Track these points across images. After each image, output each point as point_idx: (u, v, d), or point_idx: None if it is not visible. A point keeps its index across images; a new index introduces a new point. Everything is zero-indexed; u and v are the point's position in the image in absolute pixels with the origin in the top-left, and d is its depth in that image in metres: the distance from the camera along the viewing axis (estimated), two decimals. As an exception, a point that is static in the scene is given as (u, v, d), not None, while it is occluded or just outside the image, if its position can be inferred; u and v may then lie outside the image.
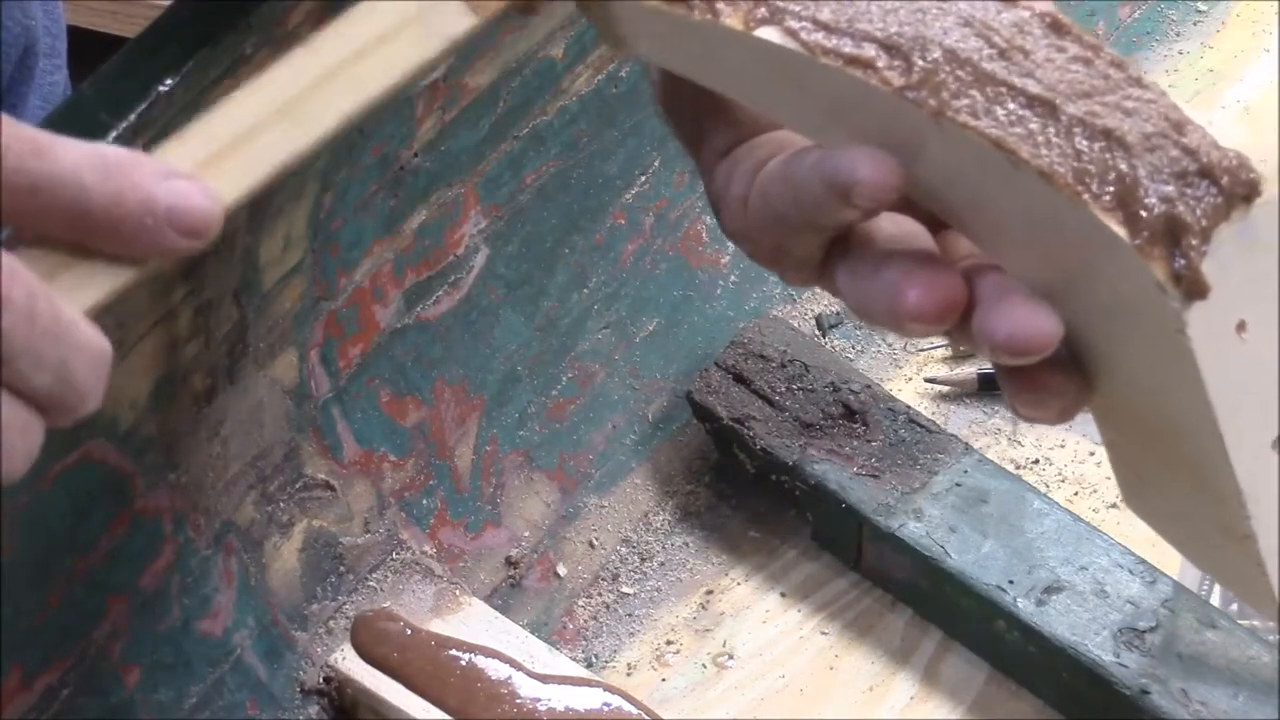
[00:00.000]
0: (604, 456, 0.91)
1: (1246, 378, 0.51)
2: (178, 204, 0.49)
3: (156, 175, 0.49)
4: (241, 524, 0.77)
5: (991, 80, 0.50)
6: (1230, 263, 0.50)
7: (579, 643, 0.85)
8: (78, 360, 0.47)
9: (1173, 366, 0.51)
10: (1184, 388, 0.51)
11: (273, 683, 0.79)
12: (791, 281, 0.60)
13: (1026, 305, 0.51)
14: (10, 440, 0.47)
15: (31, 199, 0.47)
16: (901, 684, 0.83)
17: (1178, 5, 1.12)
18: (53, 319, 0.46)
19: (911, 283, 0.52)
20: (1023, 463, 0.91)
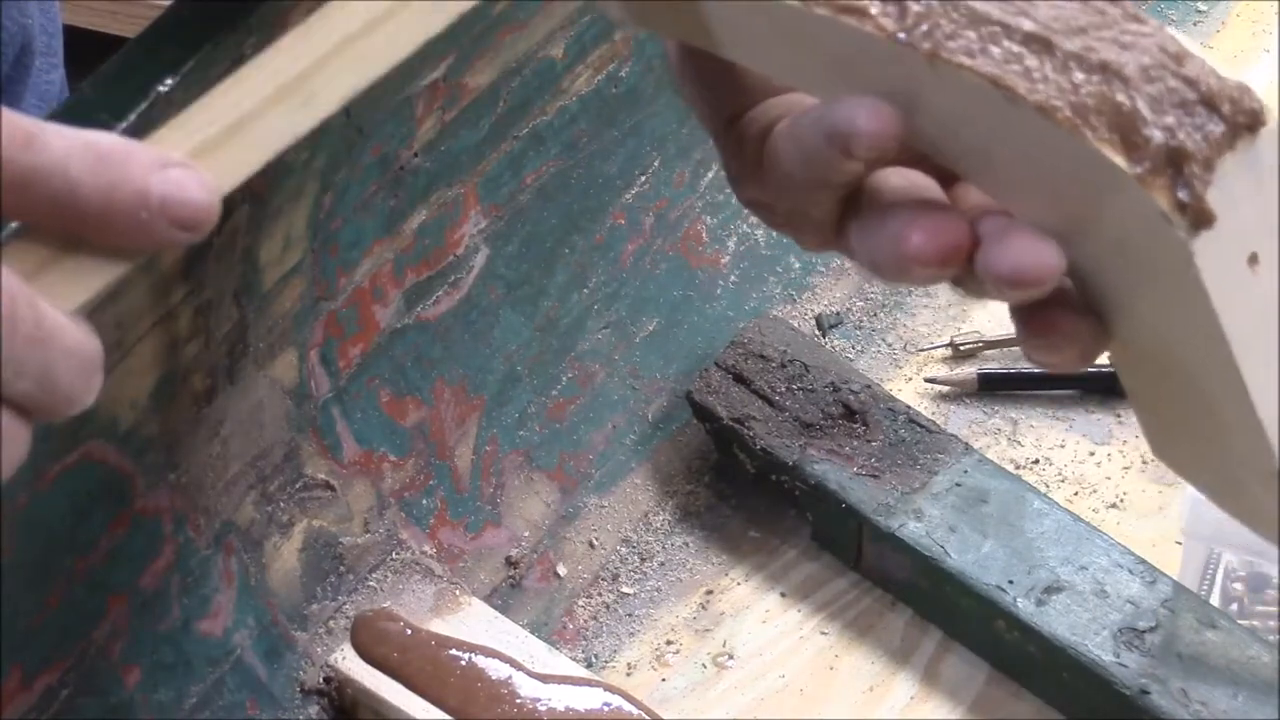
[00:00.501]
0: (604, 456, 0.91)
1: (1262, 312, 0.51)
2: (172, 195, 0.47)
3: (150, 165, 0.47)
4: (241, 524, 0.77)
5: (985, 20, 0.50)
6: (1237, 194, 0.50)
7: (579, 643, 0.85)
8: (62, 365, 0.46)
9: (1186, 303, 0.50)
10: (1198, 325, 0.51)
11: (273, 683, 0.79)
12: (808, 246, 0.59)
13: (1027, 239, 0.51)
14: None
15: (20, 192, 0.46)
16: (901, 684, 0.83)
17: (1178, 5, 1.12)
18: (34, 324, 0.45)
19: (914, 227, 0.52)
20: (1023, 463, 0.91)
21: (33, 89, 1.02)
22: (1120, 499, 0.90)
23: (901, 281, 0.56)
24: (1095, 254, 0.52)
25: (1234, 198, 0.50)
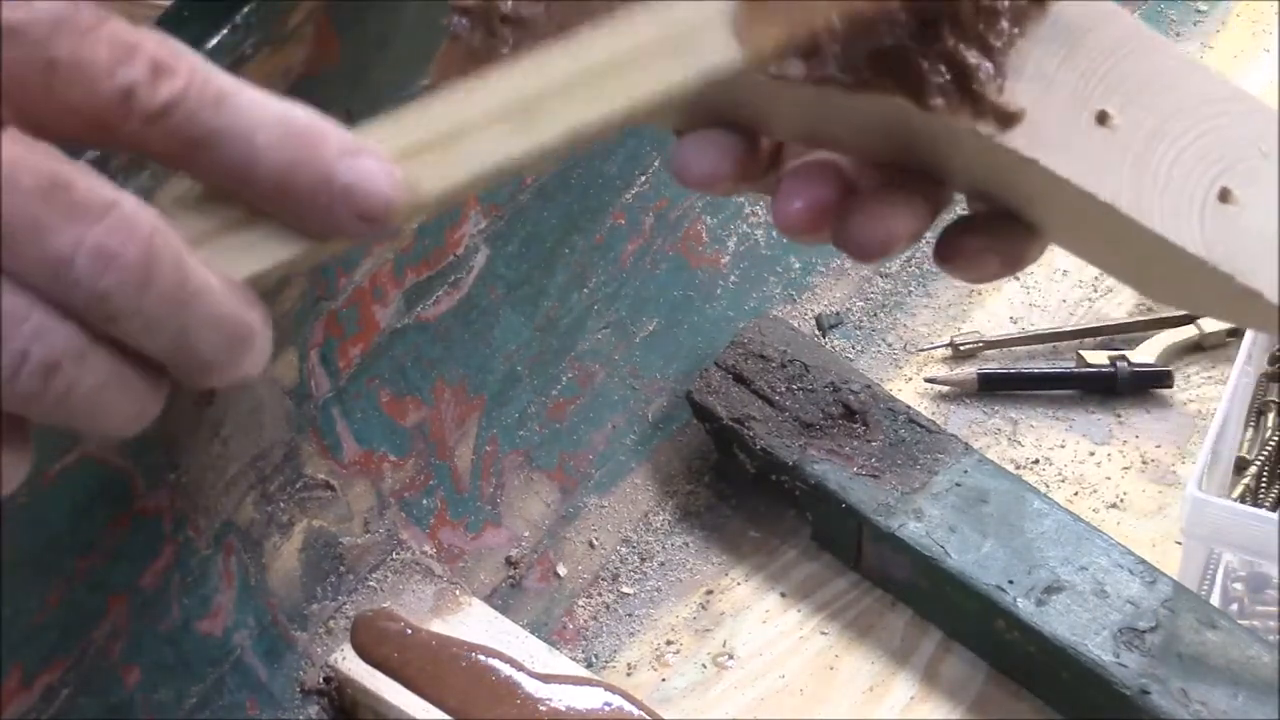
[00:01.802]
0: (604, 456, 0.91)
1: (1140, 158, 0.51)
2: (357, 185, 0.45)
3: (340, 150, 0.45)
4: (241, 524, 0.77)
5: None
6: (1051, 69, 0.51)
7: (579, 643, 0.85)
8: (204, 330, 0.44)
9: (1062, 194, 0.51)
10: (1090, 207, 0.51)
11: (273, 683, 0.79)
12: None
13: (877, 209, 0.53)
14: (111, 400, 0.44)
15: (199, 151, 0.44)
16: (901, 684, 0.83)
17: (1178, 5, 1.12)
18: (176, 284, 0.43)
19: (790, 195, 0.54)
20: (1023, 463, 0.91)
21: None
22: (1120, 499, 0.90)
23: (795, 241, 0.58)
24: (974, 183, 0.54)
25: (1044, 77, 0.51)
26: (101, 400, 0.44)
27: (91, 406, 0.44)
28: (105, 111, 0.43)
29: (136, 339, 0.44)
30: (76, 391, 0.43)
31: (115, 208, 0.42)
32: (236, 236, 0.46)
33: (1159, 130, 0.52)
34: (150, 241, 0.43)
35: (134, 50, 0.43)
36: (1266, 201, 0.52)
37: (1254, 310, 0.53)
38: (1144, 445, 0.92)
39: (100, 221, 0.42)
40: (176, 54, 0.44)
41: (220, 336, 0.45)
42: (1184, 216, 0.52)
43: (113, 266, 0.42)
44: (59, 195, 0.42)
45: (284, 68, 0.70)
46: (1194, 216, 0.52)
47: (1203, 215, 0.52)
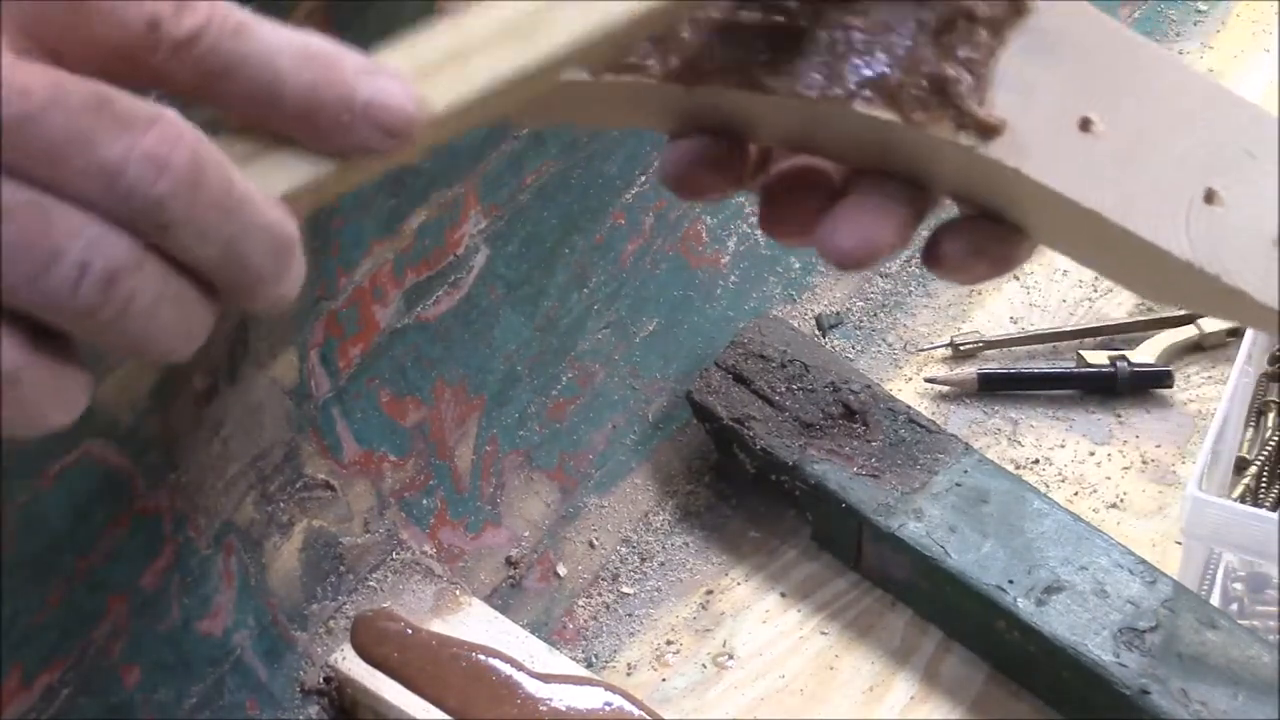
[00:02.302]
0: (604, 456, 0.91)
1: (1125, 162, 0.51)
2: (376, 99, 0.46)
3: (359, 70, 0.47)
4: (241, 524, 0.77)
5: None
6: (1032, 77, 0.51)
7: (579, 643, 0.85)
8: (251, 238, 0.44)
9: (1042, 198, 0.51)
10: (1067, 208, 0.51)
11: (273, 683, 0.79)
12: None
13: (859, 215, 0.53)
14: (166, 315, 0.44)
15: (225, 79, 0.45)
16: (901, 684, 0.83)
17: (1178, 5, 1.12)
18: (223, 191, 0.44)
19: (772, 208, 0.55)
20: (1023, 463, 0.91)
21: None
22: (1120, 499, 0.90)
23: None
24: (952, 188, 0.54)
25: (1026, 84, 0.51)
26: (158, 315, 0.44)
27: (148, 321, 0.44)
28: (131, 43, 0.43)
29: (188, 249, 0.44)
30: (136, 304, 0.43)
31: (160, 118, 0.43)
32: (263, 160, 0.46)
33: (1142, 134, 0.52)
34: (197, 148, 0.43)
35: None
36: (1253, 200, 0.52)
37: (1243, 308, 0.53)
38: (1144, 445, 0.92)
39: (148, 131, 0.43)
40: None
41: (267, 244, 0.45)
42: (1170, 219, 0.52)
43: (165, 173, 0.43)
44: (106, 108, 0.42)
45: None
46: (1180, 219, 0.52)
47: (1189, 217, 0.52)
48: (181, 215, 0.43)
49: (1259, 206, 0.52)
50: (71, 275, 0.42)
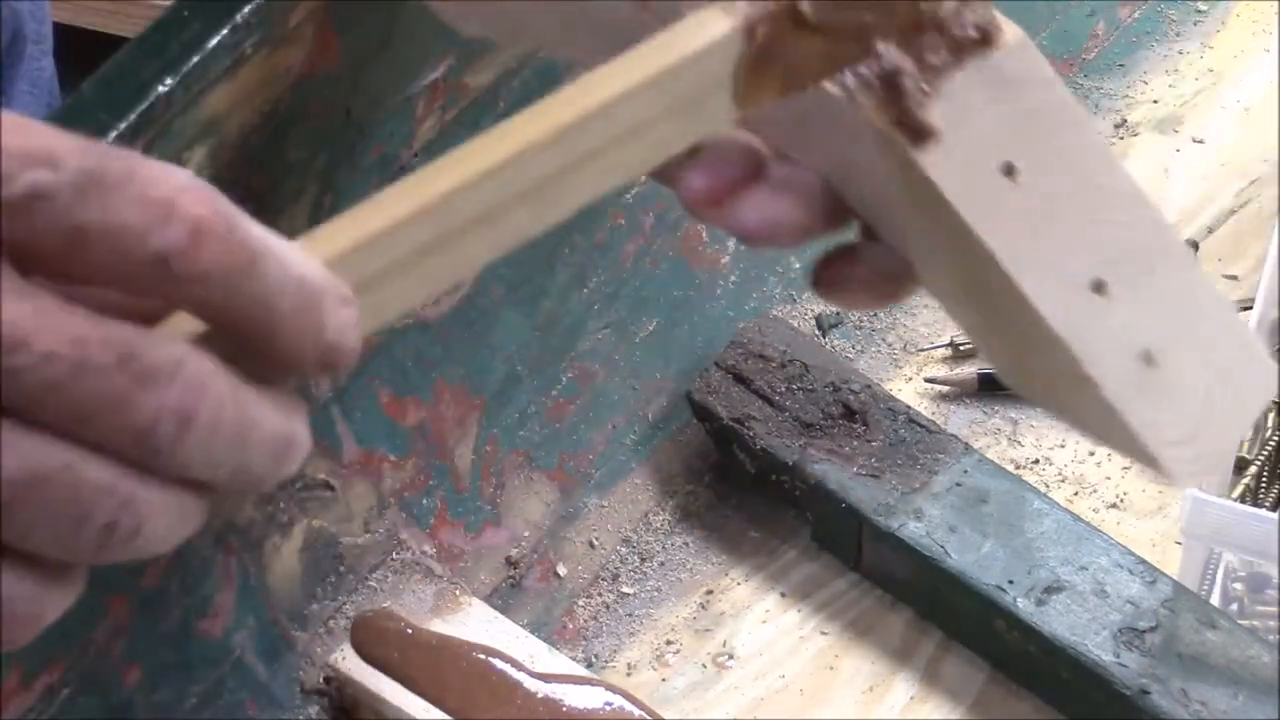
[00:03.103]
0: (604, 456, 0.91)
1: (1034, 221, 0.52)
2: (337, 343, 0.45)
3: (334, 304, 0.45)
4: (241, 524, 0.77)
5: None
6: (975, 105, 0.51)
7: (579, 643, 0.85)
8: (257, 454, 0.44)
9: (947, 224, 0.52)
10: (967, 245, 0.52)
11: (273, 683, 0.79)
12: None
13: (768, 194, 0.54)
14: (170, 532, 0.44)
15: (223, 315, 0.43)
16: (901, 684, 0.83)
17: (1178, 5, 1.12)
18: (239, 424, 0.43)
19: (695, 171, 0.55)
20: (1023, 463, 0.91)
21: (24, 75, 1.02)
22: (1120, 499, 0.90)
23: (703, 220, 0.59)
24: (863, 190, 0.54)
25: (968, 110, 0.51)
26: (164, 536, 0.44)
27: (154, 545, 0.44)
28: (136, 275, 0.42)
29: (201, 476, 0.44)
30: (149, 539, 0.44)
31: (182, 365, 0.42)
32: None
33: (1058, 201, 0.53)
34: (218, 390, 0.43)
35: (170, 210, 0.41)
36: (1136, 311, 0.53)
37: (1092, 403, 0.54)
38: (1144, 445, 0.92)
39: (173, 384, 0.42)
40: (215, 210, 0.42)
41: (273, 453, 0.45)
42: (1056, 289, 0.53)
43: (191, 427, 0.42)
44: (131, 364, 0.41)
45: (284, 68, 0.70)
46: (1065, 294, 0.53)
47: (1073, 297, 0.53)
48: (203, 456, 0.43)
49: (1140, 319, 0.53)
50: (99, 535, 0.43)
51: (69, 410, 0.41)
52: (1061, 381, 0.55)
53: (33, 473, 0.41)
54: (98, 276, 0.42)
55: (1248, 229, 1.00)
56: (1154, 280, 0.54)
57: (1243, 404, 0.55)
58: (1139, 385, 0.53)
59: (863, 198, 0.55)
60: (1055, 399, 0.58)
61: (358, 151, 0.77)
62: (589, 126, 0.48)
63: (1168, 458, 0.54)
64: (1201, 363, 0.55)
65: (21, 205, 0.40)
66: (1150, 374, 0.54)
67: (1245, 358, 0.56)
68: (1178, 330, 0.54)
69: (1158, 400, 0.54)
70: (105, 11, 1.88)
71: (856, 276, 0.56)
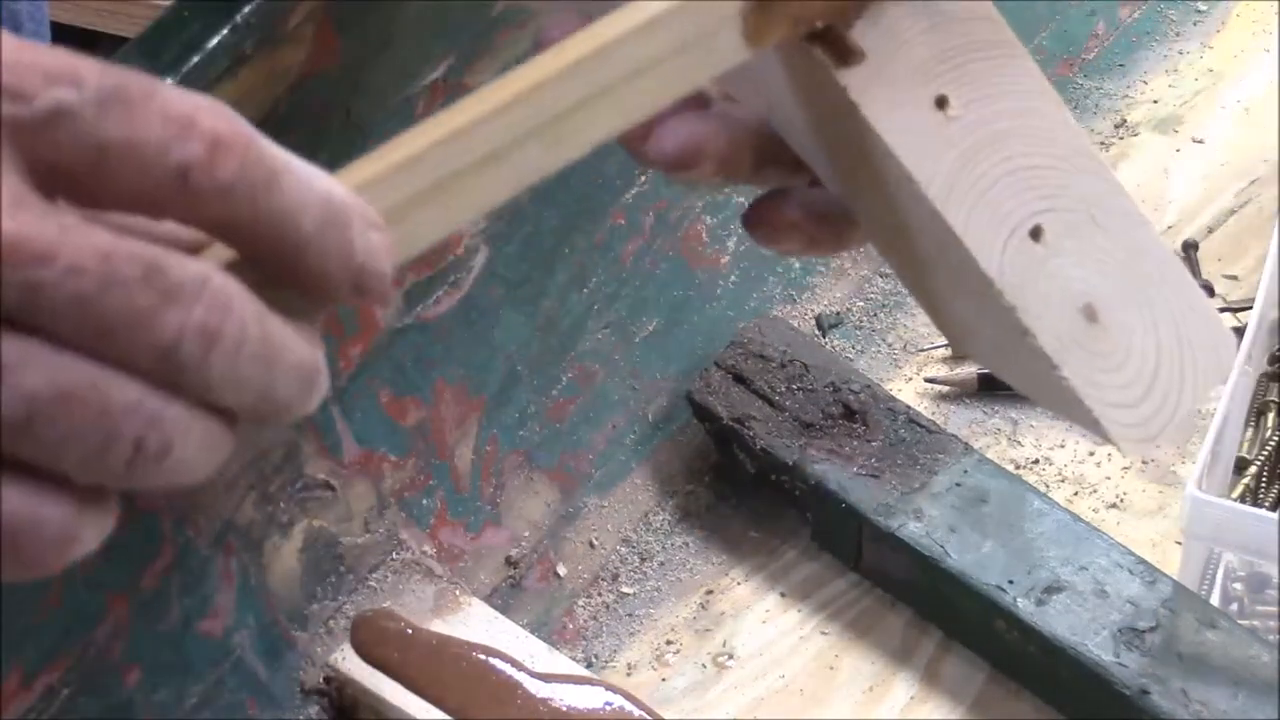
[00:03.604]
0: (604, 456, 0.91)
1: (968, 156, 0.51)
2: (368, 265, 0.45)
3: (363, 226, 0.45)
4: (241, 524, 0.77)
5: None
6: (907, 35, 0.51)
7: (579, 643, 0.85)
8: (283, 380, 0.44)
9: (869, 151, 0.51)
10: (889, 171, 0.51)
11: (273, 683, 0.79)
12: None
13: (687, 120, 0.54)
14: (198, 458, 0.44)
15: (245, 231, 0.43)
16: (901, 684, 0.83)
17: (1178, 5, 1.12)
18: (263, 345, 0.43)
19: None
20: (1023, 463, 0.91)
21: None
22: (1120, 499, 0.90)
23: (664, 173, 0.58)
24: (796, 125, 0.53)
25: (900, 37, 0.51)
26: (191, 460, 0.44)
27: (184, 469, 0.44)
28: (157, 191, 0.42)
29: (226, 399, 0.43)
30: (178, 462, 0.43)
31: (207, 282, 0.42)
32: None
33: (997, 140, 0.52)
34: (243, 310, 0.43)
35: (189, 125, 0.41)
36: (1077, 260, 0.52)
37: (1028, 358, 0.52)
38: (1144, 445, 0.92)
39: (199, 300, 0.42)
40: (233, 127, 0.42)
41: (299, 381, 0.45)
42: (989, 232, 0.51)
43: (215, 344, 0.42)
44: (157, 280, 0.41)
45: (284, 68, 0.70)
46: (1000, 237, 0.52)
47: (1008, 240, 0.52)
48: (227, 376, 0.43)
49: (1081, 270, 0.52)
50: (127, 454, 0.42)
51: (94, 326, 0.41)
52: (999, 337, 0.53)
53: (60, 390, 0.41)
54: (120, 196, 0.42)
55: (1248, 229, 1.00)
56: (1098, 234, 0.52)
57: (1197, 375, 0.54)
58: (1079, 340, 0.52)
59: (798, 135, 0.54)
60: (994, 359, 0.57)
61: (358, 151, 0.77)
62: (600, 63, 0.48)
63: (1110, 420, 0.52)
64: (1150, 325, 0.53)
65: (46, 123, 0.40)
66: (1092, 330, 0.52)
67: (1203, 328, 0.54)
68: (1124, 289, 0.53)
69: (1100, 359, 0.52)
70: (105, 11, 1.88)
71: (787, 216, 0.56)
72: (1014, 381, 0.57)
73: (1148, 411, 0.53)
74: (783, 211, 0.56)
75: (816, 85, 0.51)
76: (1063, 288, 0.52)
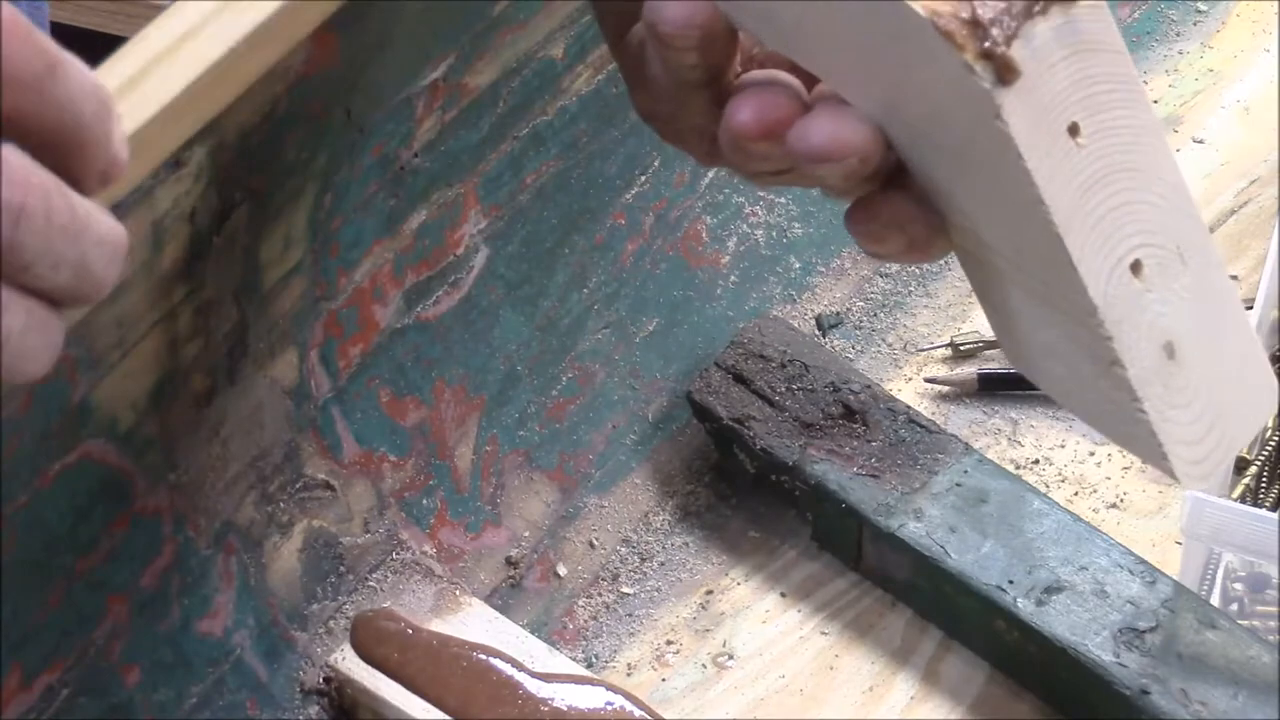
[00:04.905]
0: (604, 456, 0.91)
1: (1089, 186, 0.52)
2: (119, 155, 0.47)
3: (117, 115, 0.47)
4: (241, 524, 0.77)
5: None
6: (1052, 59, 0.51)
7: (579, 643, 0.85)
8: (94, 253, 0.46)
9: (1003, 172, 0.52)
10: (1019, 196, 0.52)
11: (273, 683, 0.79)
12: (703, 159, 0.62)
13: (830, 114, 0.54)
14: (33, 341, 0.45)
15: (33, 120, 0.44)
16: (901, 684, 0.83)
17: (1178, 5, 1.12)
18: (70, 216, 0.45)
19: (743, 103, 0.56)
20: (1023, 463, 0.91)
21: None
22: (1120, 499, 0.90)
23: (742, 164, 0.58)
24: (918, 132, 0.54)
25: (1048, 62, 0.51)
26: (26, 344, 0.45)
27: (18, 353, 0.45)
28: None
29: (45, 278, 0.45)
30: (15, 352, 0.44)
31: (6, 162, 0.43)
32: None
33: (1113, 172, 0.53)
34: (44, 183, 0.44)
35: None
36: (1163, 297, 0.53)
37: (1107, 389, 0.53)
38: (1144, 445, 0.92)
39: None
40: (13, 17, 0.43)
41: (109, 254, 0.46)
42: (1098, 262, 0.52)
43: (22, 218, 0.43)
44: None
45: (284, 68, 0.70)
46: (1106, 268, 0.53)
47: (1113, 272, 0.53)
48: (40, 252, 0.44)
49: (1166, 306, 0.53)
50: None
51: None
52: (1081, 365, 0.54)
53: None
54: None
55: (1248, 229, 1.00)
56: (1184, 272, 0.54)
57: (1245, 416, 0.56)
58: (1160, 376, 0.53)
59: (914, 142, 0.55)
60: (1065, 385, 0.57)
61: (358, 151, 0.77)
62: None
63: (1177, 455, 0.54)
64: (1215, 365, 0.55)
65: None
66: (1170, 367, 0.54)
67: (1254, 370, 0.56)
68: (1200, 328, 0.54)
69: (1174, 395, 0.54)
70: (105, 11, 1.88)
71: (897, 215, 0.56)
72: (1081, 412, 0.58)
73: (1209, 448, 0.55)
74: (896, 211, 0.56)
75: (960, 96, 0.51)
76: (1151, 322, 0.53)
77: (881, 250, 0.57)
